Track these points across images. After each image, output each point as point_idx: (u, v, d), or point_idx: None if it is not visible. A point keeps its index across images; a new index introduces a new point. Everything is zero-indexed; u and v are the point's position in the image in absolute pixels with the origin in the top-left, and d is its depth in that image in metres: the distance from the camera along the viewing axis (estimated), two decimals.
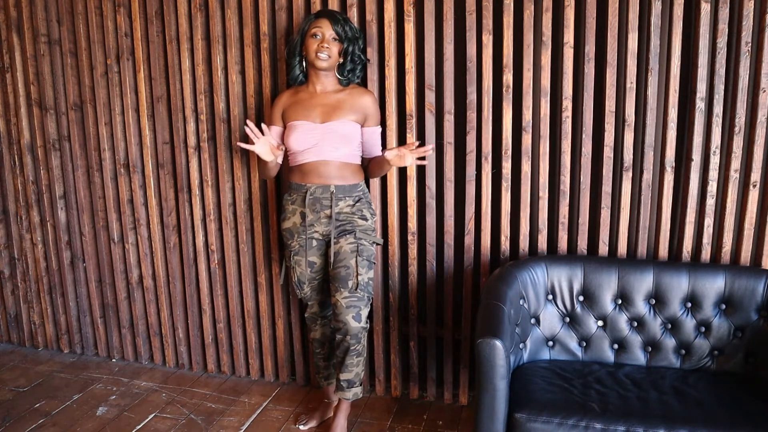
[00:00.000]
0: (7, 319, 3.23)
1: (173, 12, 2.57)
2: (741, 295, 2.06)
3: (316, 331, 2.44)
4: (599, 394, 1.89)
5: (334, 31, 2.16)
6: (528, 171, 2.33)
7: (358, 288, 2.17)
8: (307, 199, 2.21)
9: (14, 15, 2.81)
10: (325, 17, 2.18)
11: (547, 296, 2.20)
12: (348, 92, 2.25)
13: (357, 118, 2.22)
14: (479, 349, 1.77)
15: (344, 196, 2.22)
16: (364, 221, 2.25)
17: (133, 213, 2.85)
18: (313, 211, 2.23)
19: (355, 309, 2.17)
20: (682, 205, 2.24)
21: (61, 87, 2.83)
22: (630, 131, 2.21)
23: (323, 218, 2.23)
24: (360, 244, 2.21)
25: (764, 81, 2.06)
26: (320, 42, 2.15)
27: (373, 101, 2.26)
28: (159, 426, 2.47)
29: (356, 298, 2.17)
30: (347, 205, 2.23)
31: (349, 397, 2.28)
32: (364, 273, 2.20)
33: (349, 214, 2.23)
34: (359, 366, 2.26)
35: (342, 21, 2.19)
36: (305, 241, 2.25)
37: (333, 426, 2.32)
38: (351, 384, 2.26)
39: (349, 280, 2.17)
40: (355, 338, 2.19)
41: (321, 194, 2.21)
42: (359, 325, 2.17)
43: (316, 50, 2.16)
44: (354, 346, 2.20)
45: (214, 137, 2.65)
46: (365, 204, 2.27)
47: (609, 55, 2.18)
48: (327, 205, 2.21)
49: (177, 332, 2.91)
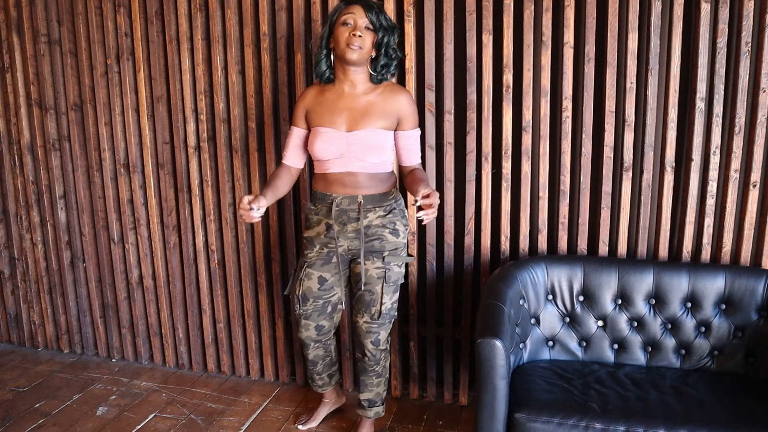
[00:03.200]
0: (7, 319, 3.23)
1: (173, 12, 2.57)
2: (741, 295, 2.06)
3: (310, 353, 2.27)
4: (599, 394, 1.89)
5: (368, 20, 1.89)
6: (528, 171, 2.33)
7: (380, 316, 2.11)
8: (333, 211, 2.01)
9: (14, 15, 2.81)
10: (358, 3, 1.90)
11: (547, 296, 2.20)
12: (380, 92, 1.99)
13: (389, 124, 1.98)
14: (479, 349, 1.77)
15: (374, 207, 2.02)
16: (395, 237, 2.06)
17: (133, 213, 2.85)
18: (339, 223, 2.04)
19: (374, 335, 2.14)
20: (682, 205, 2.24)
21: (61, 87, 2.83)
22: (630, 131, 2.21)
23: (350, 232, 2.04)
24: (388, 269, 2.06)
25: (764, 81, 2.06)
26: (352, 30, 1.87)
27: (409, 101, 2.00)
28: (159, 426, 2.47)
29: (377, 325, 2.13)
30: (377, 216, 2.03)
31: (370, 416, 2.29)
32: (389, 300, 2.11)
33: (380, 227, 2.04)
34: (380, 386, 2.25)
35: (377, 9, 1.91)
36: (326, 254, 2.10)
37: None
38: (372, 404, 2.27)
39: (372, 306, 2.10)
40: (373, 359, 2.18)
41: (348, 205, 2.01)
42: (377, 348, 2.16)
43: (347, 40, 1.87)
44: (372, 367, 2.19)
45: (214, 137, 2.65)
46: (399, 215, 2.07)
47: (609, 55, 2.18)
48: (354, 218, 2.02)
49: (177, 332, 2.91)
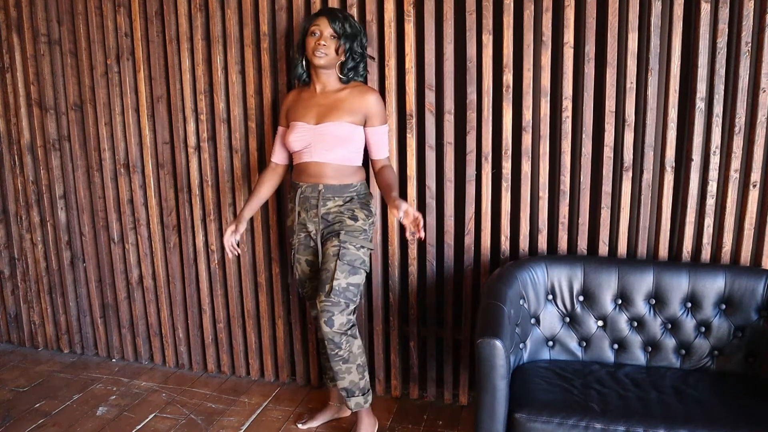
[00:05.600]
0: (7, 319, 3.23)
1: (173, 12, 2.57)
2: (741, 295, 2.06)
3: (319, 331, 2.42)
4: (599, 394, 1.89)
5: (332, 29, 2.13)
6: (528, 171, 2.33)
7: (332, 293, 2.10)
8: (298, 198, 2.23)
9: (14, 15, 2.81)
10: (323, 15, 2.16)
11: (547, 296, 2.20)
12: (349, 91, 2.19)
13: (356, 119, 2.17)
14: (479, 349, 1.77)
15: (333, 196, 2.19)
16: (353, 221, 2.19)
17: (133, 213, 2.85)
18: (304, 209, 2.23)
19: (327, 314, 2.09)
20: (682, 205, 2.24)
21: (61, 87, 2.83)
22: (630, 131, 2.21)
23: (313, 217, 2.22)
24: (342, 247, 2.14)
25: (764, 81, 2.06)
26: (317, 40, 2.13)
27: (375, 100, 2.18)
28: (159, 426, 2.47)
29: (330, 303, 2.09)
30: (336, 204, 2.20)
31: (351, 407, 2.23)
32: (342, 278, 2.12)
33: (338, 214, 2.20)
34: (351, 374, 2.18)
35: (341, 18, 2.15)
36: (303, 238, 2.26)
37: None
38: (349, 393, 2.21)
39: (326, 283, 2.12)
40: (332, 343, 2.12)
41: (310, 193, 2.21)
42: (331, 330, 2.10)
43: (313, 48, 2.13)
44: (334, 351, 2.13)
45: (214, 137, 2.65)
46: (357, 204, 2.22)
47: (609, 55, 2.18)
48: (314, 204, 2.20)
49: (177, 332, 2.91)
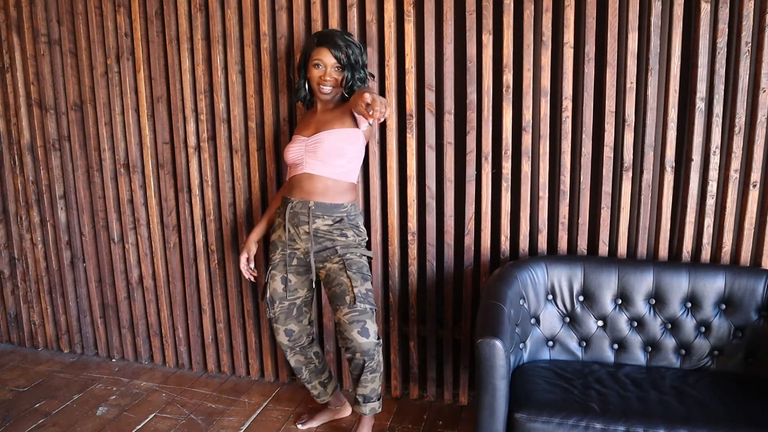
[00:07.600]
0: (7, 319, 3.23)
1: (173, 12, 2.57)
2: (741, 295, 2.06)
3: (291, 360, 2.36)
4: (599, 394, 1.89)
5: (336, 59, 2.12)
6: (528, 171, 2.33)
7: (356, 301, 2.06)
8: (288, 213, 2.17)
9: (14, 15, 2.81)
10: (325, 46, 2.12)
11: (547, 296, 2.20)
12: (345, 103, 2.18)
13: (347, 122, 2.13)
14: (479, 349, 1.77)
15: (323, 215, 2.14)
16: (344, 238, 2.17)
17: (133, 213, 2.85)
18: (293, 224, 2.18)
19: (360, 323, 2.05)
20: (682, 205, 2.24)
21: (61, 87, 2.83)
22: (630, 131, 2.21)
23: (303, 234, 2.18)
24: (345, 258, 2.14)
25: (764, 81, 2.06)
26: (322, 75, 2.13)
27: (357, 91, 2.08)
28: (159, 426, 2.47)
29: (357, 312, 2.06)
30: (325, 224, 2.15)
31: (366, 411, 2.22)
32: (360, 285, 2.10)
33: (327, 232, 2.16)
34: (375, 382, 2.17)
35: (343, 45, 2.12)
36: (286, 257, 2.21)
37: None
38: (367, 399, 2.20)
39: (345, 295, 2.08)
40: (367, 355, 2.08)
41: (300, 209, 2.16)
42: (368, 341, 2.06)
43: (319, 82, 2.14)
44: (368, 363, 2.09)
45: (214, 137, 2.65)
46: (347, 225, 2.17)
47: (609, 55, 2.18)
48: (305, 221, 2.15)
49: (177, 332, 2.91)
